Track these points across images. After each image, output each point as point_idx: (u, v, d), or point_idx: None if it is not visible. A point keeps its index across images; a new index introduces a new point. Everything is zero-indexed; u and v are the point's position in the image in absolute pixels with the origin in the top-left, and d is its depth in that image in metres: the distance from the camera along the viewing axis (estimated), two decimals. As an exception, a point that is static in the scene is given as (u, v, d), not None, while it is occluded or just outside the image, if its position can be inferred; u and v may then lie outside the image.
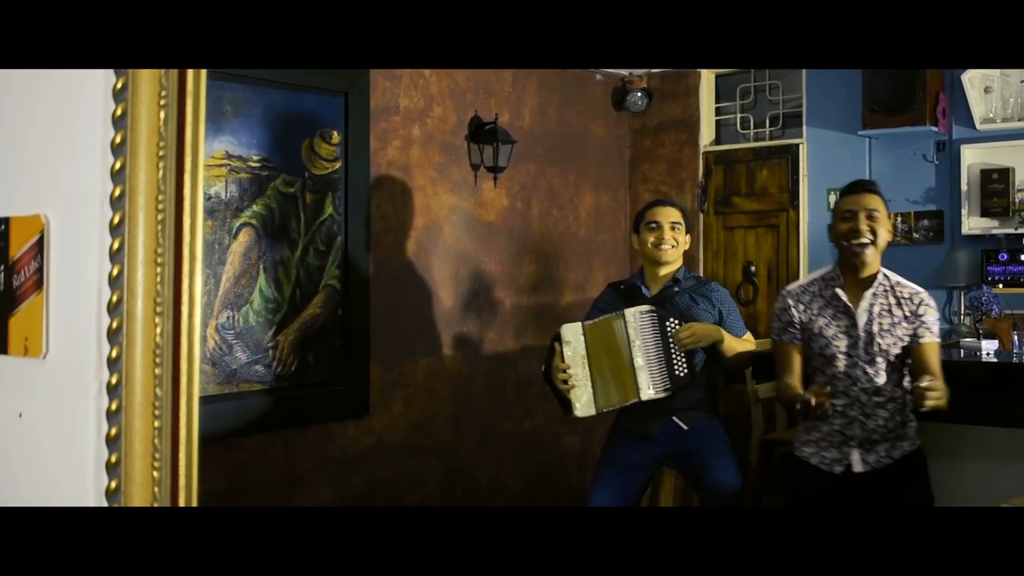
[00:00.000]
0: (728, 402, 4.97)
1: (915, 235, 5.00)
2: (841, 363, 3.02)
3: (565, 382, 3.39)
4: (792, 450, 3.22)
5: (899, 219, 5.03)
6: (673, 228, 3.53)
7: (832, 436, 3.05)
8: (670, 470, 3.69)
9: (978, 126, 4.83)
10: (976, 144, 4.86)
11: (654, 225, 3.55)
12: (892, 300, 3.02)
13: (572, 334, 3.41)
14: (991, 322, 4.30)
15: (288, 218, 3.77)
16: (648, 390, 3.37)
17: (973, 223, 4.84)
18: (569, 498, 5.15)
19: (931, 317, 3.01)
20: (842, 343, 3.02)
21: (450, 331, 4.54)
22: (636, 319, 3.38)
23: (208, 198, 3.49)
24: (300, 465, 3.84)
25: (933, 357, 2.97)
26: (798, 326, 3.12)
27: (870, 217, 2.98)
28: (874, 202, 3.01)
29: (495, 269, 4.78)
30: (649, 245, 3.54)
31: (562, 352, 3.40)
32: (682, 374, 3.37)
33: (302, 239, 3.82)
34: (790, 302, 3.13)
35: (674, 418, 3.46)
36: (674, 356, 3.37)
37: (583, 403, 3.40)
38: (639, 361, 3.36)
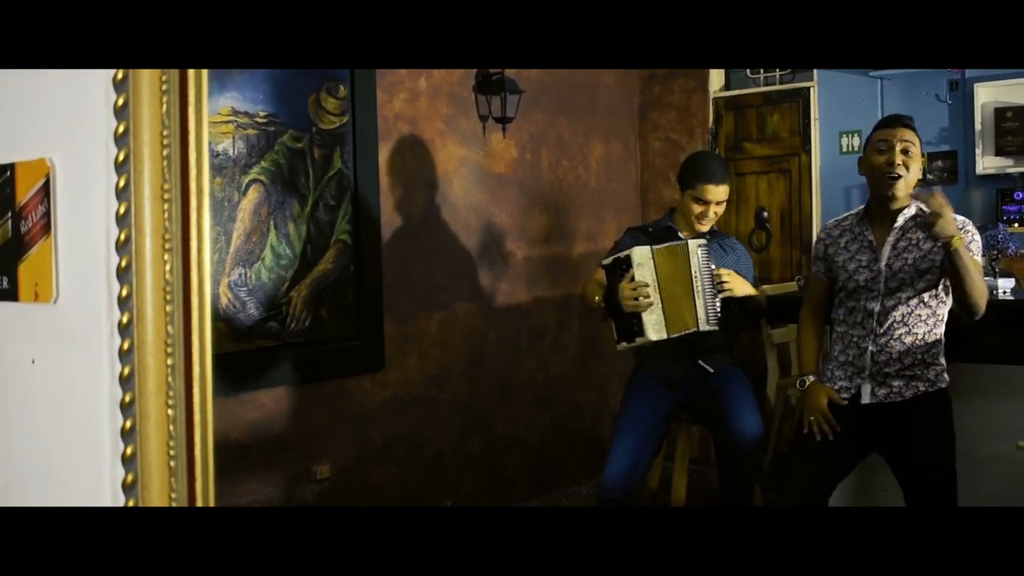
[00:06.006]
0: (743, 349, 4.97)
1: (929, 176, 4.95)
2: (861, 296, 3.02)
3: (637, 300, 3.25)
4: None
5: (912, 160, 4.98)
6: (718, 205, 3.49)
7: (847, 367, 3.07)
8: (687, 422, 3.69)
9: (992, 63, 4.76)
10: (990, 82, 4.79)
11: (702, 202, 3.47)
12: (921, 234, 2.95)
13: (643, 256, 3.28)
14: (1007, 261, 4.26)
15: (297, 174, 3.75)
16: (705, 322, 3.35)
17: (988, 162, 4.79)
18: (586, 449, 5.17)
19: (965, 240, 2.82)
20: (862, 276, 3.02)
21: (462, 284, 4.53)
22: (698, 249, 3.35)
23: (216, 155, 3.47)
24: (317, 420, 3.85)
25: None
26: (823, 259, 3.16)
27: (905, 151, 2.94)
28: (909, 136, 2.96)
29: (506, 221, 4.75)
30: (693, 216, 3.50)
31: (633, 274, 3.27)
32: (722, 313, 3.39)
33: (312, 194, 3.80)
34: (822, 235, 3.19)
35: (700, 361, 3.45)
36: (717, 293, 3.38)
37: (653, 324, 3.26)
38: (698, 290, 3.34)
